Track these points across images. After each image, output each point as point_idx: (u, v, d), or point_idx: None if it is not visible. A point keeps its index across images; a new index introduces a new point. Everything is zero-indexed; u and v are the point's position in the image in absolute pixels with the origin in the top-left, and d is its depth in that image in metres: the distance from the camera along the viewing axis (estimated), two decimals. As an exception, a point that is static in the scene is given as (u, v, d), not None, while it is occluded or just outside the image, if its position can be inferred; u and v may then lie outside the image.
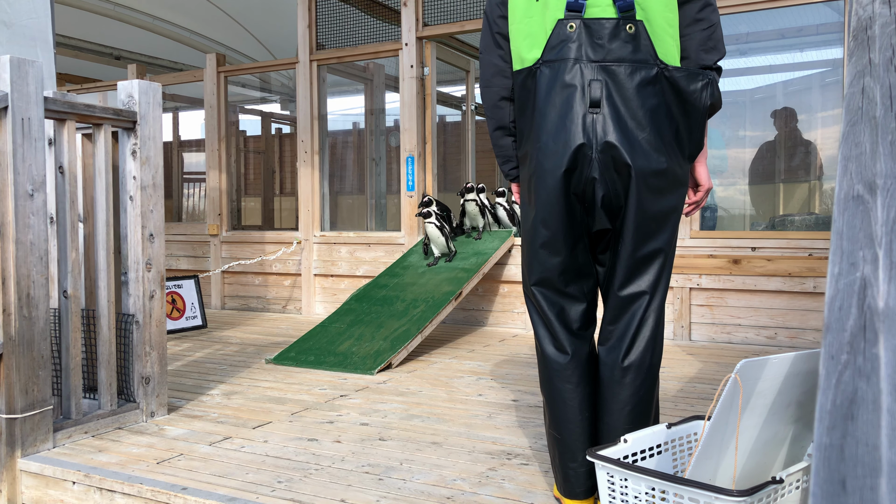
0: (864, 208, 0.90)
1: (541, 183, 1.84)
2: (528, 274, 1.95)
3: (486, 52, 1.99)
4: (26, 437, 2.39)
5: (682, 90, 1.82)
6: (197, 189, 7.85)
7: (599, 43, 1.79)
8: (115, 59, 7.52)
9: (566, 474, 1.90)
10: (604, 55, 1.79)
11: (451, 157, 6.81)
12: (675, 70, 1.81)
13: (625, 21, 1.78)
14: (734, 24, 4.74)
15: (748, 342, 4.24)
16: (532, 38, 1.86)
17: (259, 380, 3.52)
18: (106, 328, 2.69)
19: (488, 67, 1.99)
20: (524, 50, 1.87)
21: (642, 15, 1.79)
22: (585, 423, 1.89)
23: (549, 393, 1.93)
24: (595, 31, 1.79)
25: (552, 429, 1.93)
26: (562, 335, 1.91)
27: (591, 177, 1.79)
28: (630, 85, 1.78)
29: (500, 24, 1.95)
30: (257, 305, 5.94)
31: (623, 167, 1.78)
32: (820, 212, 4.63)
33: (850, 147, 1.01)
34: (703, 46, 1.85)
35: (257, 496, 2.05)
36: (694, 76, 1.83)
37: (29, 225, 2.39)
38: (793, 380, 1.63)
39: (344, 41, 5.61)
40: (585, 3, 1.79)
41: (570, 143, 1.78)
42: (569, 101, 1.79)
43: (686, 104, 1.83)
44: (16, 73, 2.34)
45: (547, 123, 1.82)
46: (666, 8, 1.81)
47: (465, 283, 4.32)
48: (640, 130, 1.79)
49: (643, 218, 1.81)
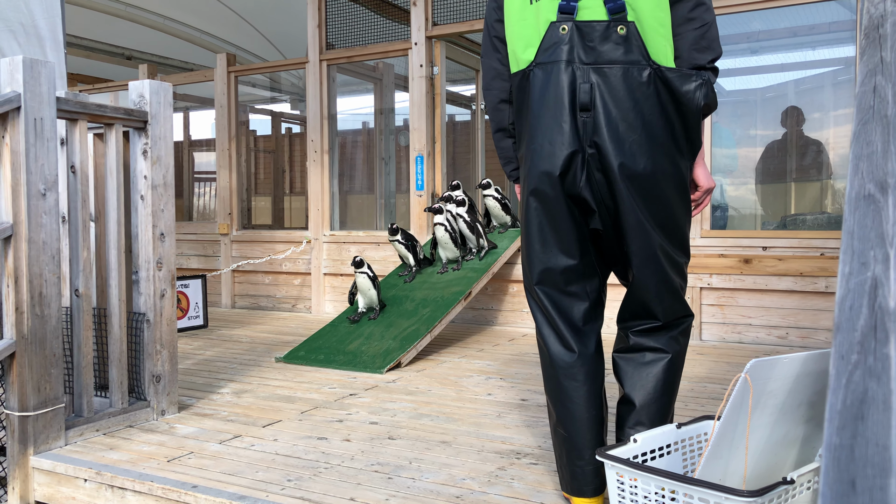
0: (876, 207, 0.90)
1: (537, 184, 1.86)
2: (530, 272, 1.96)
3: (485, 56, 2.04)
4: (38, 434, 2.41)
5: (676, 91, 1.81)
6: (207, 188, 7.88)
7: (591, 45, 1.79)
8: (127, 59, 7.56)
9: (573, 472, 1.90)
10: (595, 57, 1.79)
11: (460, 157, 6.81)
12: (668, 71, 1.81)
13: (616, 23, 1.78)
14: (746, 23, 4.72)
15: (759, 342, 4.22)
16: (526, 41, 1.88)
17: (269, 378, 3.54)
18: (117, 327, 2.71)
19: (488, 71, 2.03)
20: (519, 52, 1.90)
21: (633, 16, 1.79)
22: (592, 420, 1.89)
23: (555, 391, 1.93)
24: (587, 33, 1.80)
25: (559, 427, 1.93)
26: (567, 333, 1.91)
27: (583, 179, 1.81)
28: (622, 87, 1.78)
29: (497, 28, 1.98)
30: (267, 304, 5.96)
31: (611, 169, 1.78)
32: (832, 211, 4.60)
33: (862, 146, 1.00)
34: (695, 46, 1.83)
35: (267, 494, 2.06)
36: (687, 77, 1.81)
37: (41, 224, 2.41)
38: (804, 380, 1.62)
39: (353, 41, 5.61)
40: (577, 6, 1.80)
41: (564, 145, 1.80)
42: (561, 103, 1.80)
43: (680, 105, 1.82)
44: (28, 73, 2.36)
45: (541, 125, 1.84)
46: (657, 8, 1.80)
47: (474, 282, 4.32)
48: (630, 132, 1.79)
49: (637, 219, 1.81)
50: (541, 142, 1.84)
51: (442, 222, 4.52)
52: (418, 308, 4.18)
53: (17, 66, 2.35)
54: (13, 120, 2.36)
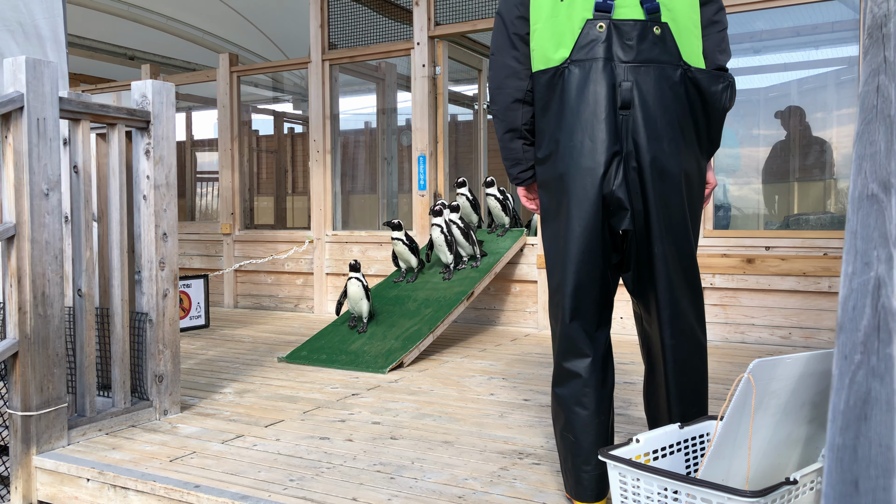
0: (879, 207, 0.90)
1: (575, 182, 1.82)
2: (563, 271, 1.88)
3: (499, 54, 1.96)
4: (41, 434, 2.41)
5: (705, 91, 1.85)
6: (210, 188, 7.88)
7: (629, 44, 1.81)
8: (129, 59, 7.57)
9: (579, 477, 1.90)
10: (634, 56, 1.81)
11: (462, 156, 6.80)
12: (697, 71, 1.85)
13: (652, 23, 1.81)
14: (750, 22, 4.71)
15: (762, 342, 4.22)
16: (558, 38, 1.84)
17: (271, 378, 3.54)
18: (120, 326, 2.71)
19: (501, 69, 1.95)
20: (550, 50, 1.85)
21: (668, 17, 1.83)
22: (601, 426, 1.89)
23: (564, 396, 1.91)
24: (624, 31, 1.81)
25: (567, 431, 1.91)
26: (583, 342, 1.90)
27: (619, 177, 1.81)
28: (657, 86, 1.82)
29: (518, 25, 1.92)
30: (269, 304, 5.96)
31: (647, 168, 1.80)
32: (835, 211, 4.59)
33: (865, 146, 1.00)
34: (718, 48, 1.89)
35: (269, 494, 2.06)
36: (716, 78, 1.87)
37: (44, 224, 2.41)
38: (807, 380, 1.62)
39: (356, 41, 5.62)
40: (614, 4, 1.81)
41: (605, 143, 1.80)
42: (602, 100, 1.80)
43: (707, 105, 1.87)
44: (31, 73, 2.36)
45: (581, 122, 1.81)
46: (691, 9, 1.85)
47: (476, 282, 4.32)
48: (666, 131, 1.81)
49: (668, 218, 1.83)
50: (581, 139, 1.81)
51: (439, 223, 4.43)
52: (420, 308, 4.18)
53: (20, 66, 2.36)
54: (16, 120, 2.36)
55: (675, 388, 1.89)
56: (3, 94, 2.34)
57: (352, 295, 4.04)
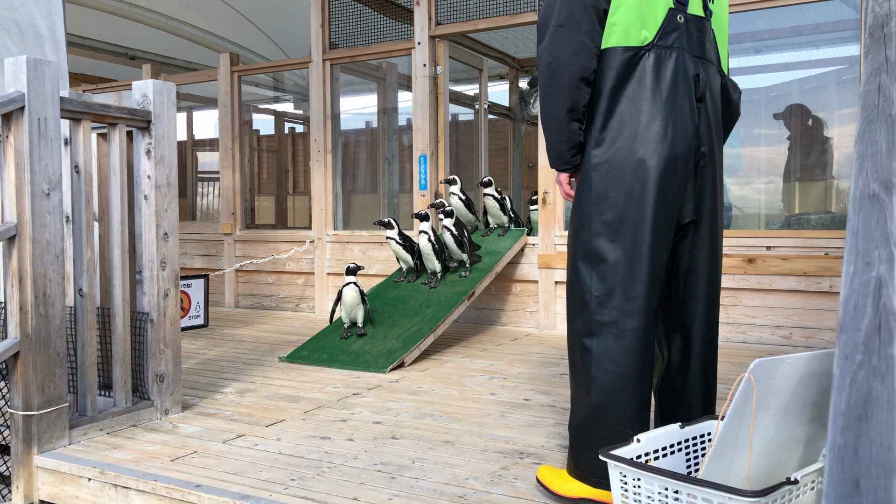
0: (880, 207, 0.90)
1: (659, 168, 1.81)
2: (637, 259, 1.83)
3: (569, 27, 1.81)
4: (42, 433, 2.42)
5: (729, 98, 1.98)
6: (211, 188, 7.89)
7: (700, 40, 1.88)
8: (130, 58, 7.57)
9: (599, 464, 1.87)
10: (703, 52, 1.89)
11: (463, 156, 6.80)
12: (724, 78, 1.98)
13: (709, 22, 1.92)
14: (751, 22, 4.71)
15: (763, 342, 4.22)
16: (645, 20, 1.82)
17: (272, 378, 3.54)
18: (121, 326, 2.71)
19: (570, 44, 1.81)
20: (634, 29, 1.81)
21: (716, 24, 1.94)
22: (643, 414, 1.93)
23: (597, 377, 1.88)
24: (697, 27, 1.88)
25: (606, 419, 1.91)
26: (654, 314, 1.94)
27: (691, 167, 1.87)
28: (714, 84, 1.92)
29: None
30: (270, 304, 5.97)
31: (711, 160, 1.90)
32: (836, 210, 4.59)
33: (866, 145, 1.00)
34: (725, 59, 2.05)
35: (270, 494, 2.06)
36: (735, 87, 1.99)
37: (45, 224, 2.41)
38: (808, 380, 1.62)
39: (357, 40, 5.62)
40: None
41: (690, 129, 1.84)
42: (689, 88, 1.85)
43: (726, 110, 1.99)
44: (32, 73, 2.36)
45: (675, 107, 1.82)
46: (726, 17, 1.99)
47: (477, 282, 4.32)
48: (718, 129, 1.93)
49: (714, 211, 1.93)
50: (664, 125, 1.80)
51: (426, 231, 4.26)
52: (421, 308, 4.18)
53: (21, 65, 2.36)
54: (17, 120, 2.36)
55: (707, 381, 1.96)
56: (5, 94, 2.34)
57: (348, 301, 3.94)
